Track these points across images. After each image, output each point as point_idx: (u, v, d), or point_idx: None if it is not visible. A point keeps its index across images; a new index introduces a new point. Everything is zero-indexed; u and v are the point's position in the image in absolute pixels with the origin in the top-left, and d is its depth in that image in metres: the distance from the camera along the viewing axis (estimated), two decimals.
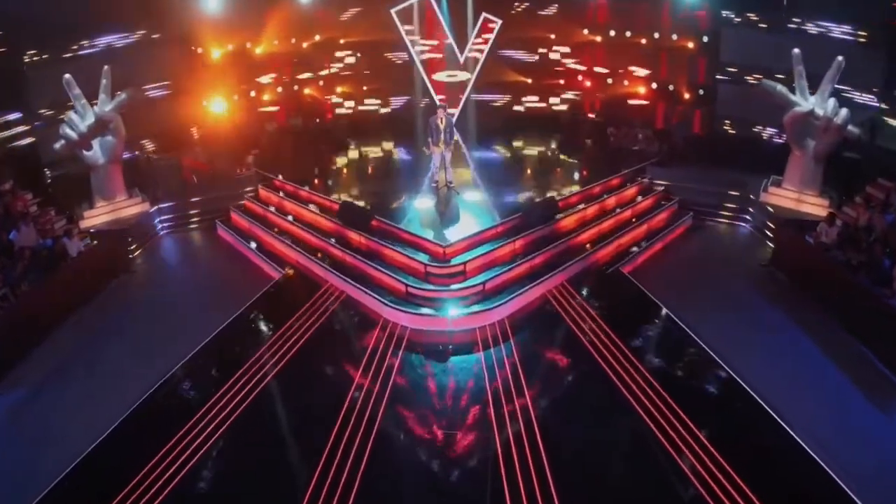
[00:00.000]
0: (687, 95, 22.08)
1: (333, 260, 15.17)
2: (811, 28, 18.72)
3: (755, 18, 20.28)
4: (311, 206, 17.26)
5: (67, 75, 13.57)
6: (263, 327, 13.00)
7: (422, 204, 16.41)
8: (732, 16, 20.68)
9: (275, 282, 14.87)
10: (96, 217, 15.16)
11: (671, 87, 22.49)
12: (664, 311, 13.01)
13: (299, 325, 12.83)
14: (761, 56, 19.13)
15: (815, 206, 14.47)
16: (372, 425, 9.96)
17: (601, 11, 24.00)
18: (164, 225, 18.19)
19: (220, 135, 21.93)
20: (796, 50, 13.48)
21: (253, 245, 16.49)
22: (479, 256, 14.06)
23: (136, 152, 20.17)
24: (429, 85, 23.32)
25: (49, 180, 18.83)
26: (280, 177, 19.02)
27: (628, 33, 23.24)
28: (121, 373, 11.42)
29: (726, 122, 21.48)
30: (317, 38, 25.15)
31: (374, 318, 13.16)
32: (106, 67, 13.98)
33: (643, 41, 22.93)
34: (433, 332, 12.75)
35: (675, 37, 22.02)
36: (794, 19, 19.15)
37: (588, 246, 15.53)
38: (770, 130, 20.26)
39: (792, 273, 14.38)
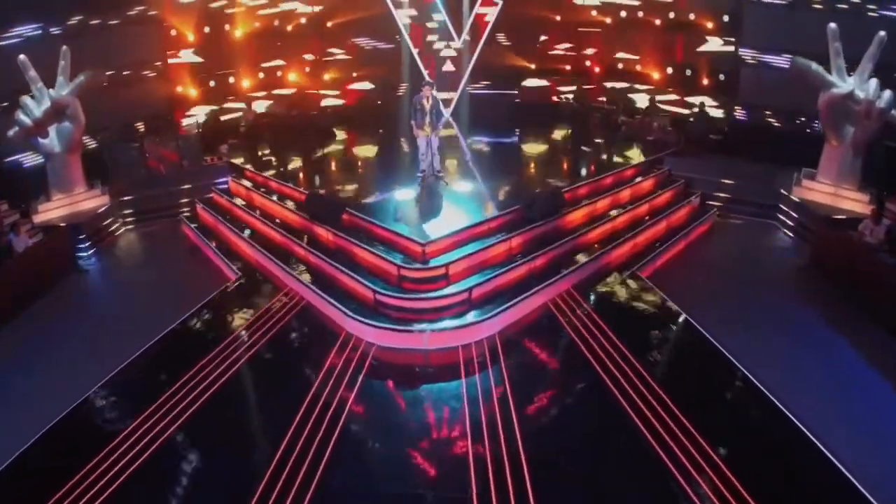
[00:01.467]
0: (706, 81, 19.24)
1: (297, 260, 12.58)
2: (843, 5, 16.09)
3: None
4: (279, 199, 14.69)
5: (22, 56, 12.61)
6: (197, 343, 10.31)
7: (404, 195, 13.63)
8: None
9: (225, 286, 12.29)
10: (52, 211, 13.99)
11: (689, 73, 19.62)
12: (692, 324, 10.29)
13: (240, 343, 10.20)
14: (789, 36, 16.65)
15: (853, 201, 13.17)
16: (308, 485, 7.19)
17: None
18: (125, 220, 15.97)
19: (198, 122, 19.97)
20: (832, 24, 12.13)
21: (213, 243, 14.08)
22: (466, 257, 11.22)
23: (98, 138, 17.88)
24: (420, 64, 20.59)
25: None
26: (250, 167, 16.53)
27: (640, 13, 20.35)
28: (51, 382, 9.57)
29: (751, 109, 18.57)
30: (302, 21, 22.36)
31: (336, 331, 10.44)
32: (64, 48, 13.07)
33: (657, 22, 20.04)
34: (404, 351, 9.95)
35: (692, 16, 19.21)
36: None
37: (598, 246, 12.70)
38: (800, 118, 17.71)
39: (835, 278, 11.90)
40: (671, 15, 19.61)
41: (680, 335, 10.18)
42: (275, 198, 14.77)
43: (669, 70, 20.03)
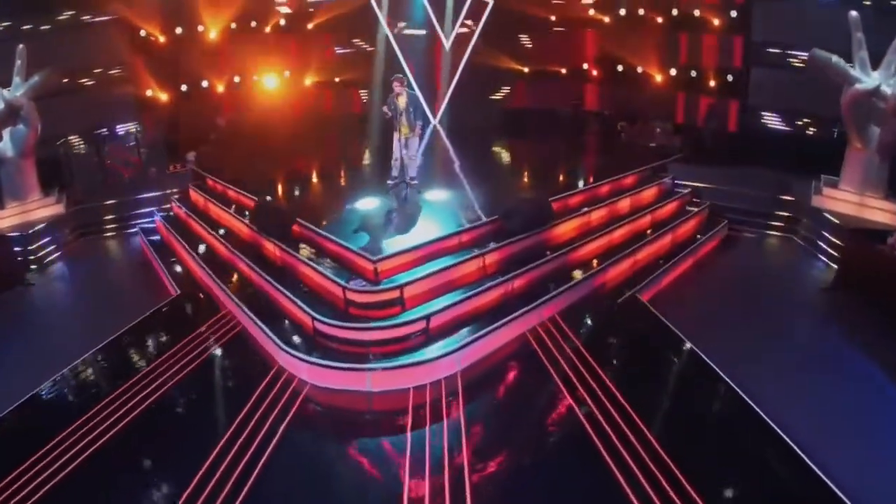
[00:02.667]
0: (713, 83, 17.18)
1: (241, 277, 10.64)
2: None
3: None
4: (235, 210, 12.70)
5: None
6: (121, 368, 8.60)
7: (368, 204, 11.55)
8: None
9: (160, 307, 10.34)
10: (4, 220, 13.19)
11: (693, 74, 17.52)
12: (702, 359, 8.16)
13: (153, 377, 8.18)
14: (803, 31, 14.44)
15: (880, 210, 11.94)
16: None
17: None
18: (80, 230, 14.57)
19: (164, 128, 18.44)
20: (853, 12, 11.20)
21: (161, 257, 12.51)
22: (428, 277, 9.07)
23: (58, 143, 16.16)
24: (405, 67, 18.74)
25: None
26: (211, 176, 14.63)
27: (641, 10, 18.28)
28: None
29: (762, 112, 16.43)
30: (281, 22, 20.36)
31: (268, 365, 8.37)
32: (20, 47, 12.59)
33: (659, 20, 17.96)
34: (343, 393, 7.83)
35: (696, 13, 17.12)
36: None
37: (594, 263, 10.55)
38: (819, 119, 15.38)
39: (865, 298, 10.22)
40: (674, 12, 17.55)
41: (688, 374, 8.11)
42: (233, 208, 12.80)
43: (673, 71, 17.93)
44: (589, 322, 9.27)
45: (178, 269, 11.97)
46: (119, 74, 17.68)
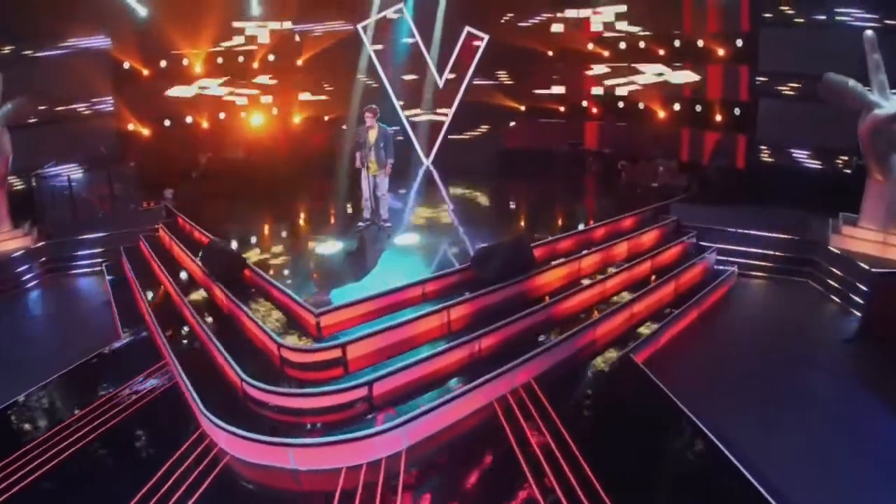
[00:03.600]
0: (719, 117, 15.93)
1: (183, 326, 9.45)
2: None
3: (791, 12, 14.44)
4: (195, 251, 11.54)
5: None
6: (40, 418, 7.54)
7: (331, 247, 10.30)
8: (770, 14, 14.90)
9: (99, 352, 9.15)
10: None
11: (698, 108, 16.28)
12: (706, 435, 6.60)
13: (74, 430, 7.15)
14: (813, 59, 13.07)
15: None
16: None
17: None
18: (47, 265, 13.57)
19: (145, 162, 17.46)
20: (869, 32, 10.52)
21: (117, 297, 11.54)
22: (379, 333, 7.65)
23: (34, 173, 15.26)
24: (400, 114, 18.58)
25: None
26: (182, 215, 13.70)
27: (642, 44, 17.14)
28: None
29: (769, 148, 15.26)
30: (271, 57, 19.45)
31: (193, 428, 7.10)
32: None
33: (661, 52, 16.80)
34: (266, 470, 6.42)
35: (700, 43, 15.94)
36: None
37: (582, 317, 9.09)
38: (834, 153, 14.19)
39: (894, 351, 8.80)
40: (676, 43, 16.38)
41: (689, 457, 6.51)
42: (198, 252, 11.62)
43: (676, 106, 16.70)
44: (570, 389, 7.72)
45: (131, 311, 10.83)
46: (100, 107, 17.04)
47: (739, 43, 15.33)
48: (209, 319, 8.89)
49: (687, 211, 13.52)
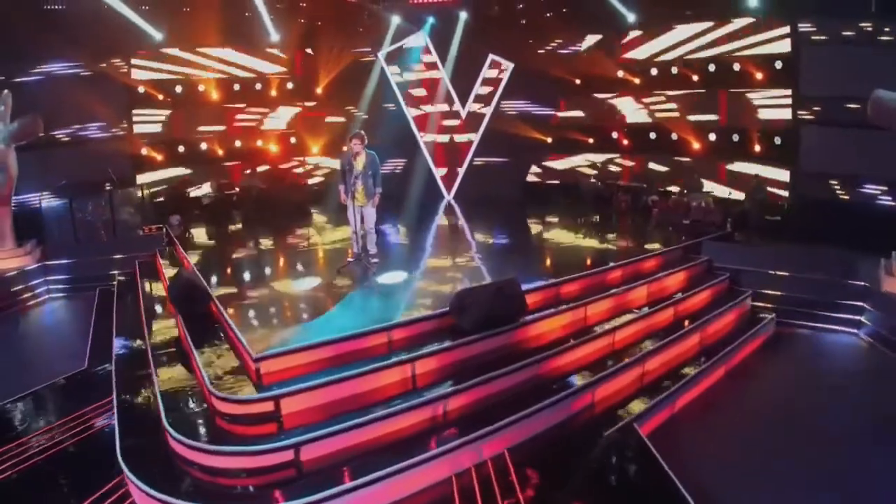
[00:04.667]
0: (758, 147, 14.44)
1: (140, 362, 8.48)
2: None
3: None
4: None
5: None
6: None
7: (306, 284, 9.50)
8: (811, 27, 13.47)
9: (57, 379, 8.59)
10: None
11: (736, 138, 14.82)
12: None
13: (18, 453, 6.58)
14: (860, 80, 11.45)
15: None
16: None
17: (635, 43, 16.74)
18: (43, 285, 13.17)
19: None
20: None
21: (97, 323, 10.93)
22: (326, 386, 6.42)
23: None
24: (422, 145, 18.10)
25: None
26: (179, 244, 13.21)
27: (674, 70, 15.77)
28: None
29: (818, 179, 13.61)
30: (290, 86, 18.76)
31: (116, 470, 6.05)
32: (5, 92, 12.30)
33: (695, 78, 15.40)
34: None
35: (736, 66, 14.50)
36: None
37: (579, 376, 7.62)
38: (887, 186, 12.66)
39: None
40: (711, 68, 14.96)
41: None
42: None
43: (712, 136, 15.24)
44: (549, 467, 6.16)
45: (103, 338, 10.01)
46: (115, 131, 16.71)
47: (779, 65, 13.87)
48: (163, 357, 7.98)
49: (721, 250, 12.09)
